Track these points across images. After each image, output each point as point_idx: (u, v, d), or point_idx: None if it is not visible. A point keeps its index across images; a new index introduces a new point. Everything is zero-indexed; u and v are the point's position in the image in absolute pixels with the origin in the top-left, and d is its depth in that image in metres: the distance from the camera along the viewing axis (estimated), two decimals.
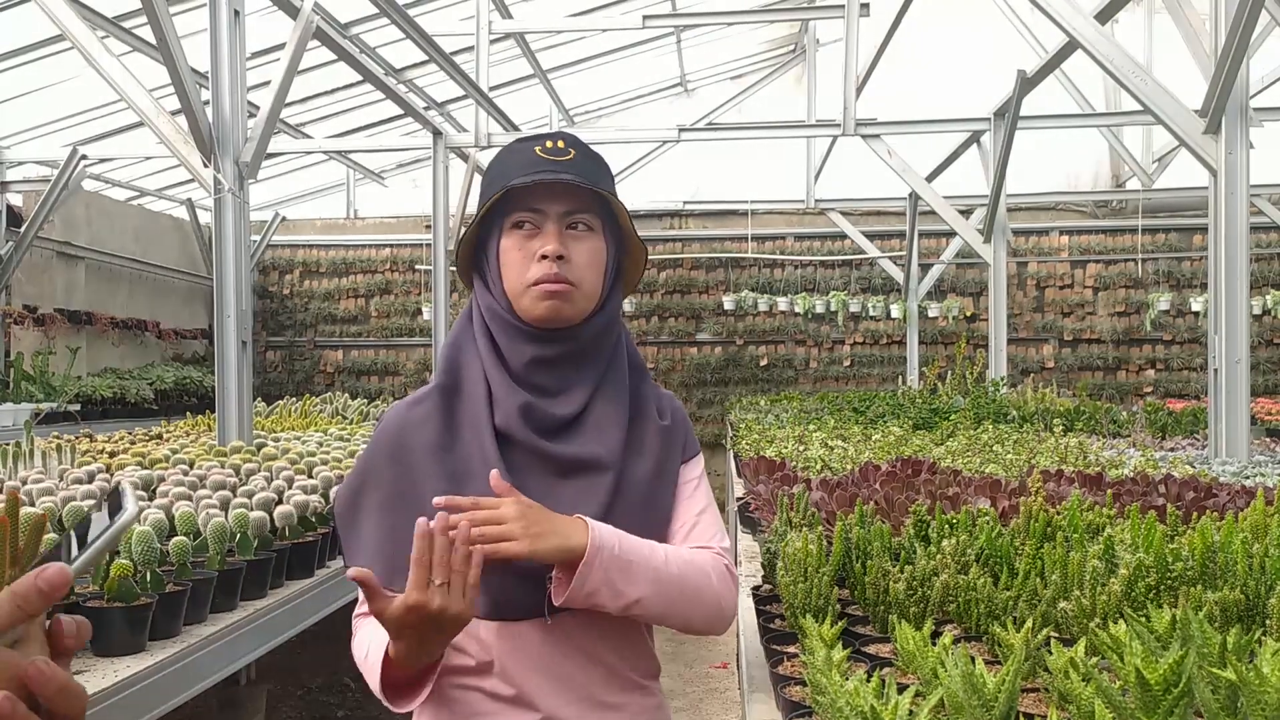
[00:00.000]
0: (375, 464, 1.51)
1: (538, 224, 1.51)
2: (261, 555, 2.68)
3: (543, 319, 1.49)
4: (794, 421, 5.45)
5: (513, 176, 1.51)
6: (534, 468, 1.48)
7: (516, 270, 1.50)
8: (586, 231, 1.53)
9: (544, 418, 1.49)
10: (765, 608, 1.94)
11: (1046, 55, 7.02)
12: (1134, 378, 11.81)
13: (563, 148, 1.54)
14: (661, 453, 1.56)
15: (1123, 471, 3.28)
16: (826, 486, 2.80)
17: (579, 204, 1.52)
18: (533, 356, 1.50)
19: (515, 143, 1.59)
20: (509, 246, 1.51)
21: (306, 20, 5.44)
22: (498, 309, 1.53)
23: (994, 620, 1.59)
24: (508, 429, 1.47)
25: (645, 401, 1.60)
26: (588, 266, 1.51)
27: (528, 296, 1.49)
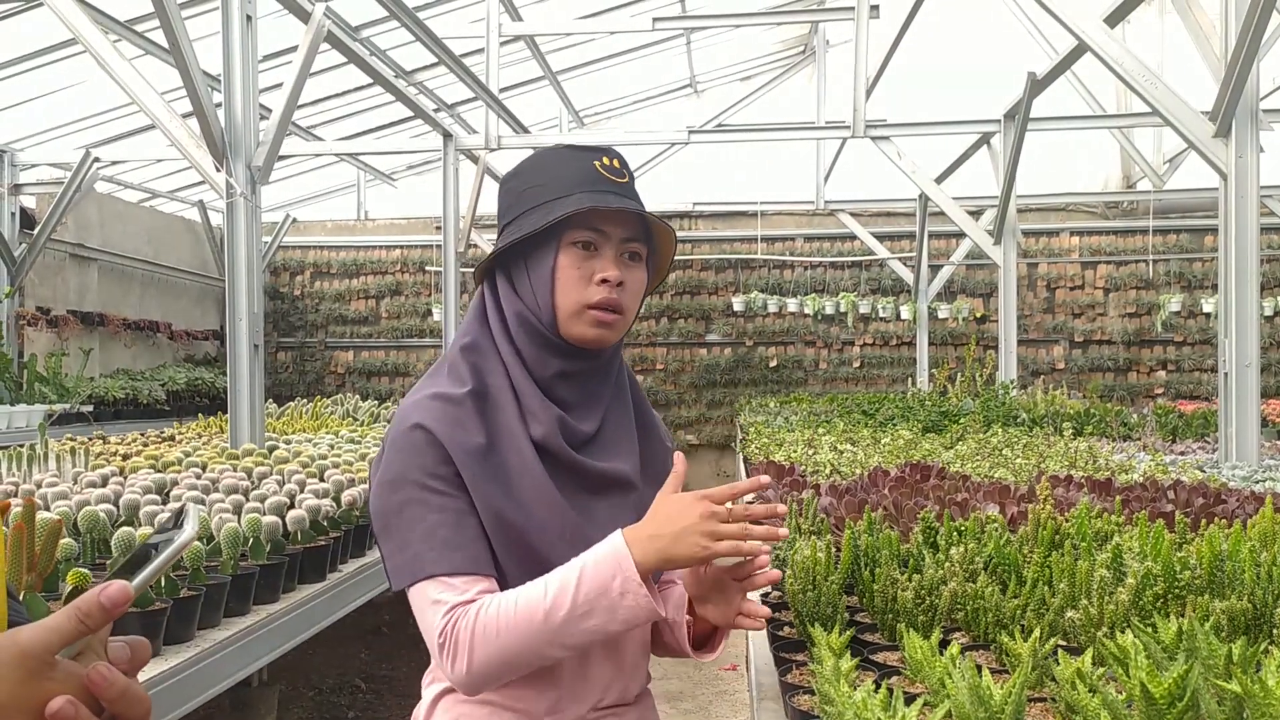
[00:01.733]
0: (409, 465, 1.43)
1: (598, 246, 1.48)
2: (274, 559, 2.70)
3: (589, 342, 1.48)
4: (803, 424, 5.45)
5: (576, 190, 1.47)
6: (570, 482, 1.47)
7: (573, 289, 1.47)
8: (637, 261, 1.52)
9: (574, 432, 1.48)
10: (774, 615, 1.95)
11: (1057, 57, 7.01)
12: (1145, 379, 11.78)
13: (619, 168, 1.52)
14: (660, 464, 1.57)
15: (1132, 476, 3.28)
16: (835, 492, 2.81)
17: (635, 232, 1.50)
18: (560, 370, 1.49)
19: (563, 150, 1.55)
20: (566, 264, 1.47)
21: (318, 25, 5.47)
22: (531, 318, 1.49)
23: (1002, 629, 1.60)
24: (545, 442, 1.45)
25: (648, 417, 1.61)
26: (634, 295, 1.50)
27: (583, 319, 1.47)
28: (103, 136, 9.52)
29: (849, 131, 8.08)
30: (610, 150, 1.54)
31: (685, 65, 11.86)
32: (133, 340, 10.68)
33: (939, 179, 9.51)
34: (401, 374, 12.99)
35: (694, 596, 1.45)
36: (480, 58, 9.04)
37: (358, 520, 3.26)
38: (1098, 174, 11.94)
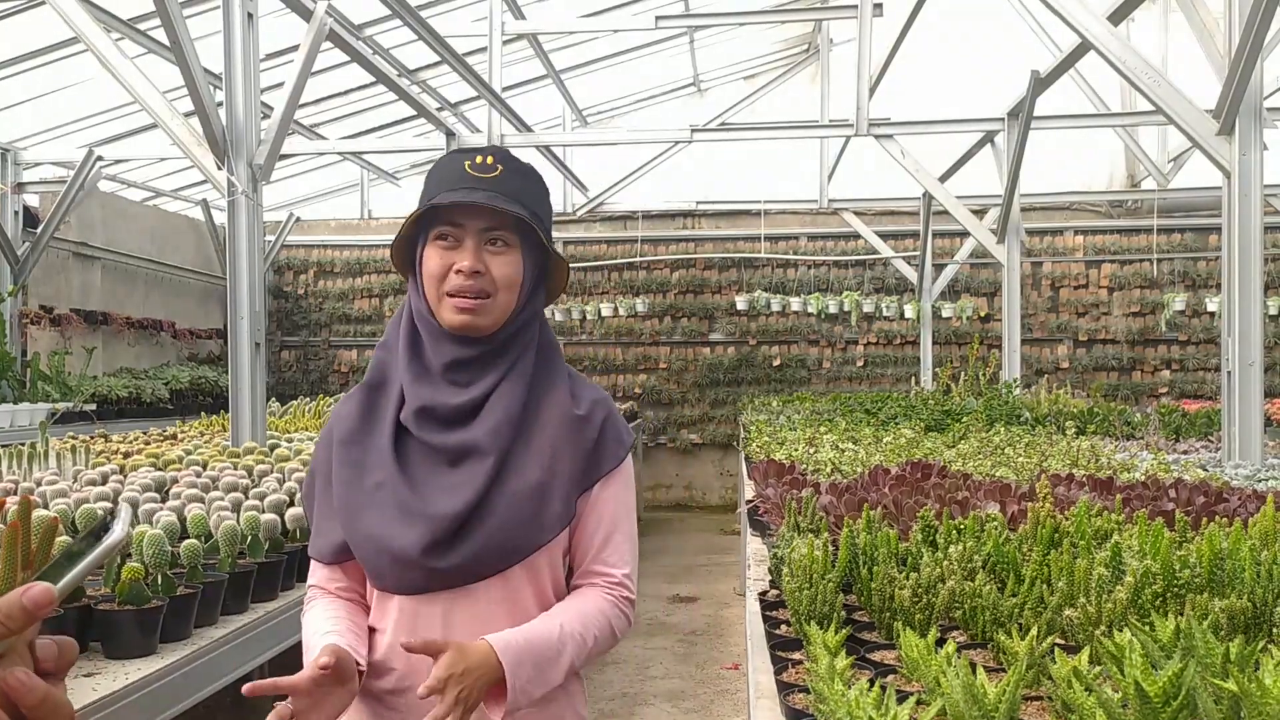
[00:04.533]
0: (317, 453, 1.72)
1: (458, 238, 1.63)
2: (272, 558, 2.69)
3: (457, 329, 1.62)
4: (805, 423, 5.44)
5: (441, 190, 1.64)
6: (426, 458, 1.61)
7: (436, 281, 1.62)
8: (504, 248, 1.65)
9: (442, 410, 1.62)
10: (772, 613, 1.94)
11: (1060, 55, 6.98)
12: (1149, 378, 11.75)
13: (490, 164, 1.66)
14: (563, 447, 1.63)
15: (1134, 475, 3.27)
16: (835, 490, 2.80)
17: (498, 221, 1.64)
18: (452, 358, 1.63)
19: (451, 154, 1.72)
20: (429, 256, 1.64)
21: (320, 23, 5.47)
22: (424, 312, 1.66)
23: (999, 628, 1.59)
24: (407, 423, 1.62)
25: (551, 389, 1.69)
26: (503, 280, 1.63)
27: (445, 307, 1.62)
28: (106, 135, 9.53)
29: (852, 130, 8.06)
30: (490, 149, 1.69)
31: (689, 64, 11.84)
32: (136, 339, 10.69)
33: (943, 177, 9.48)
34: None
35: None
36: (483, 56, 9.04)
37: None
38: (1102, 173, 11.90)
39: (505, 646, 1.49)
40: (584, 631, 1.57)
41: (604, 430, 1.67)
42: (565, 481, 1.61)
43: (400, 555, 1.54)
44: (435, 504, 1.55)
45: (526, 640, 1.52)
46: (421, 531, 1.53)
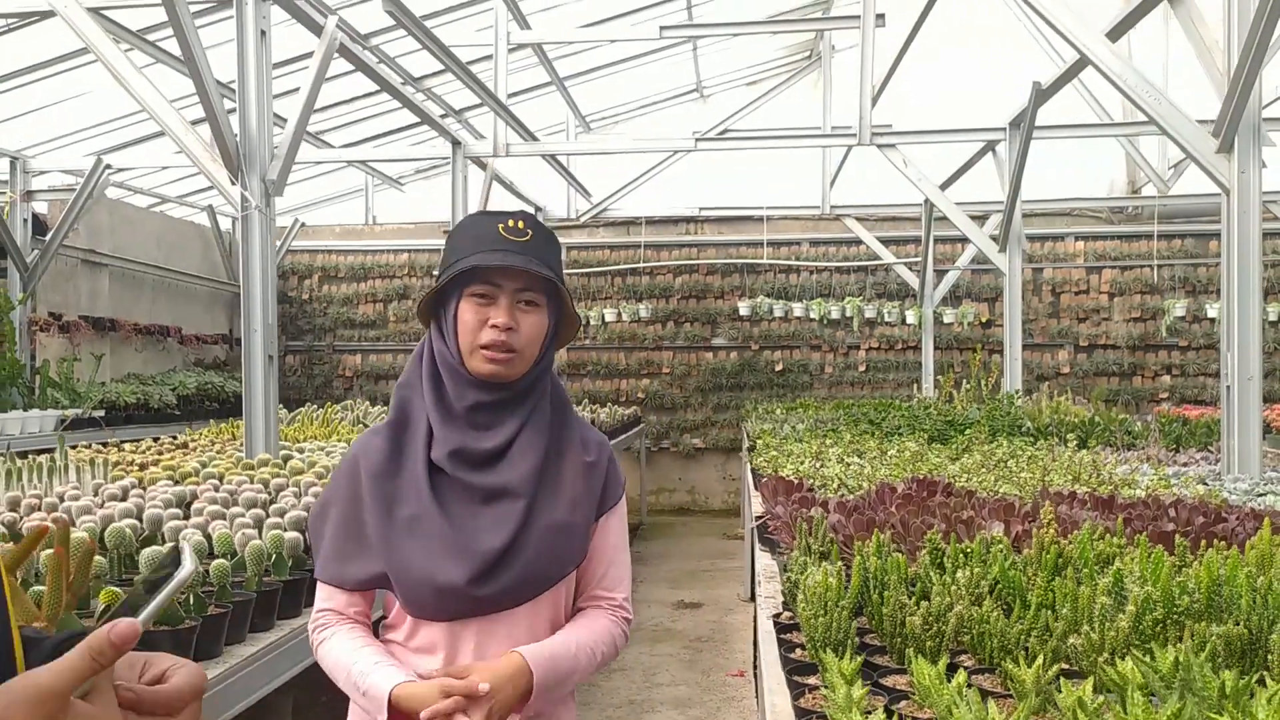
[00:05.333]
0: (338, 484, 1.83)
1: (493, 296, 1.78)
2: (296, 575, 2.76)
3: (486, 377, 1.78)
4: (810, 434, 5.51)
5: (476, 250, 1.77)
6: (460, 495, 1.75)
7: (469, 333, 1.78)
8: (533, 307, 1.81)
9: (473, 453, 1.77)
10: (786, 636, 2.01)
11: (1063, 64, 7.05)
12: (1150, 383, 11.82)
13: (522, 228, 1.81)
14: (580, 488, 1.82)
15: (1135, 492, 3.34)
16: (844, 509, 2.87)
17: (529, 283, 1.79)
18: (475, 401, 1.79)
19: (480, 216, 1.86)
20: (465, 310, 1.78)
21: (330, 38, 5.54)
22: (449, 359, 1.80)
23: (1006, 654, 1.66)
24: (441, 463, 1.76)
25: (568, 438, 1.87)
26: (530, 336, 1.80)
27: (477, 357, 1.77)
28: (113, 143, 9.60)
29: (855, 140, 8.13)
30: (521, 214, 1.85)
31: (692, 70, 11.91)
32: (143, 345, 10.76)
33: (944, 185, 9.55)
34: None
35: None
36: (488, 64, 9.11)
37: None
38: (1103, 179, 11.97)
39: (536, 659, 1.67)
40: (594, 648, 1.77)
41: (608, 473, 1.86)
42: (583, 520, 1.79)
43: (446, 586, 1.68)
44: (478, 540, 1.69)
45: (551, 654, 1.70)
46: (467, 565, 1.67)
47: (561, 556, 1.75)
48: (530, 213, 1.87)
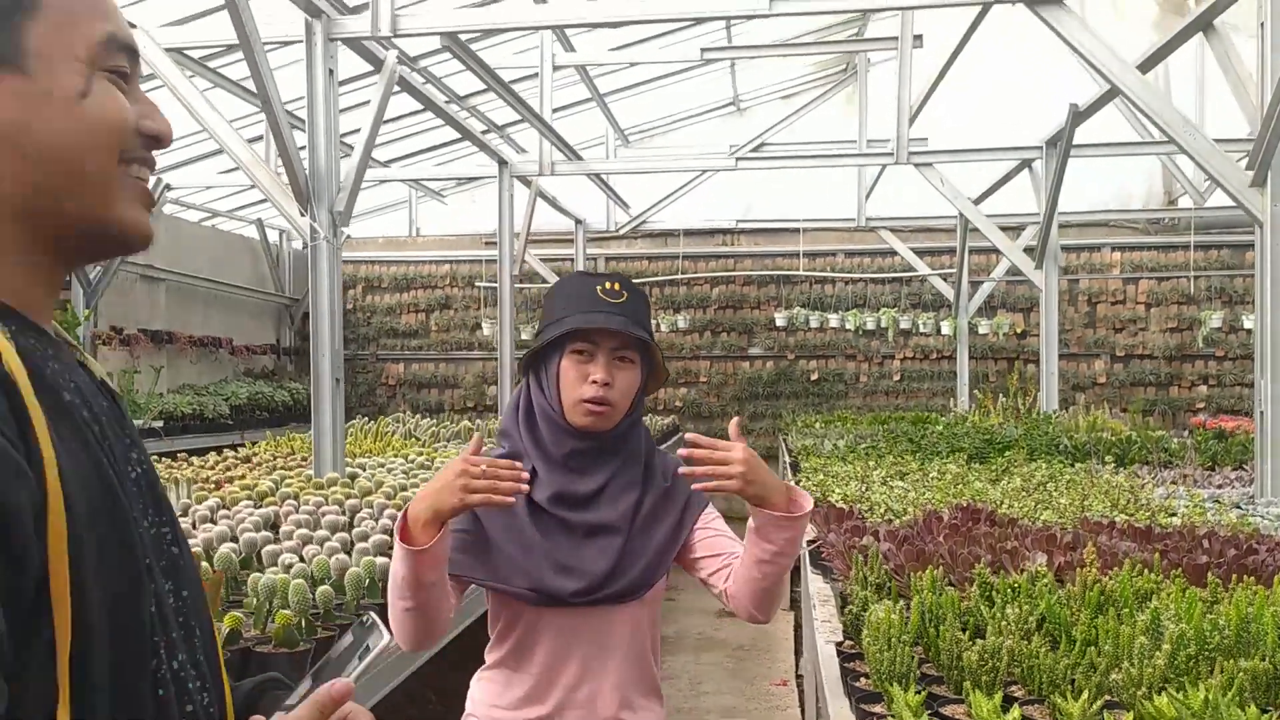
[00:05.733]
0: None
1: (592, 354, 1.98)
2: (384, 600, 2.99)
3: (584, 428, 1.98)
4: (851, 452, 5.69)
5: (576, 310, 1.98)
6: (562, 532, 1.97)
7: (571, 388, 1.97)
8: (627, 363, 2.01)
9: (573, 496, 1.99)
10: (849, 665, 2.21)
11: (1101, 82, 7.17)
12: (1187, 393, 11.88)
13: (618, 290, 2.01)
14: (663, 512, 2.06)
15: (1172, 520, 3.51)
16: (894, 538, 3.06)
17: (625, 341, 1.99)
18: (572, 449, 2.00)
19: (579, 278, 2.07)
20: (567, 367, 1.98)
21: (390, 72, 5.78)
22: (549, 411, 2.00)
23: (1054, 688, 1.85)
24: (543, 504, 1.98)
25: (654, 473, 2.09)
26: (624, 391, 2.00)
27: (577, 410, 1.97)
28: (167, 163, 9.94)
29: (892, 159, 8.30)
30: (615, 276, 2.05)
31: (729, 85, 12.11)
32: (197, 356, 11.11)
33: (980, 199, 9.69)
34: (451, 386, 13.34)
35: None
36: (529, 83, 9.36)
37: None
38: (1139, 190, 12.03)
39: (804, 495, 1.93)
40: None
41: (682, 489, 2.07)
42: (671, 539, 2.05)
43: (555, 594, 1.92)
44: (587, 564, 1.94)
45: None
46: (577, 581, 1.92)
47: (652, 571, 2.00)
48: (624, 276, 2.05)
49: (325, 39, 5.11)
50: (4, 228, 0.97)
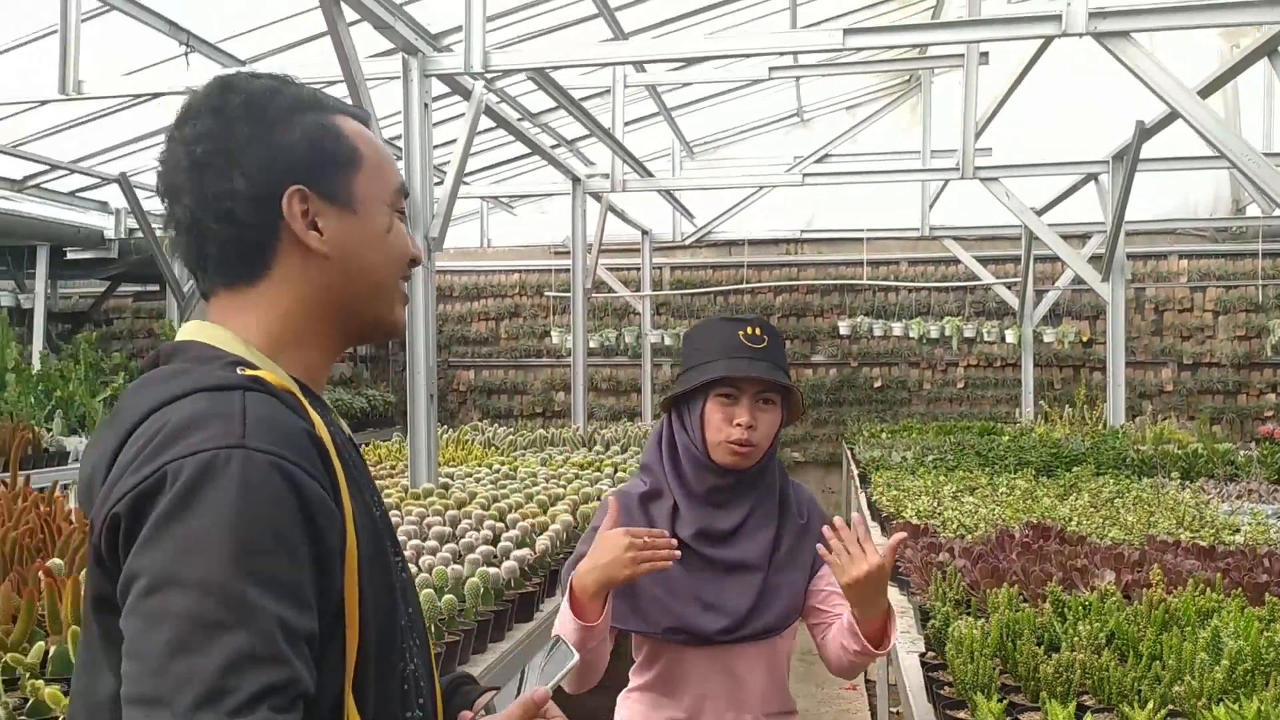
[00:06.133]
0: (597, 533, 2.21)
1: (736, 397, 2.15)
2: (500, 605, 3.29)
3: (730, 465, 2.16)
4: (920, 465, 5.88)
5: (721, 355, 2.14)
6: (704, 567, 2.15)
7: (716, 428, 2.15)
8: (769, 405, 2.19)
9: (714, 532, 2.16)
10: (932, 675, 2.44)
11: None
12: (1255, 401, 11.82)
13: (759, 335, 2.17)
14: (799, 551, 2.22)
15: (1235, 538, 3.67)
16: (969, 555, 3.28)
17: (768, 385, 2.17)
18: (714, 484, 2.18)
19: (721, 323, 2.23)
20: (711, 409, 2.15)
21: (478, 102, 6.11)
22: (692, 448, 2.17)
23: (1123, 699, 2.07)
24: (686, 539, 2.14)
25: (789, 506, 2.26)
26: (766, 431, 2.19)
27: (721, 449, 2.15)
28: None
29: (957, 173, 8.44)
30: (756, 321, 2.22)
31: (793, 97, 12.29)
32: None
33: (1044, 209, 9.77)
34: (520, 392, 13.68)
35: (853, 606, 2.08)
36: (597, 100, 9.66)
37: (549, 566, 3.84)
38: (1206, 197, 11.99)
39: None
40: None
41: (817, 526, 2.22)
42: (804, 575, 2.24)
43: (700, 633, 2.12)
44: (729, 603, 2.12)
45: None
46: (723, 619, 2.11)
47: (790, 610, 2.21)
48: (764, 320, 2.21)
49: (421, 75, 5.43)
50: (319, 324, 1.29)
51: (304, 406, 1.21)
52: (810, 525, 2.25)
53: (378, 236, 1.30)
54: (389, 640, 1.24)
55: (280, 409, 1.17)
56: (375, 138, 1.35)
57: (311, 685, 1.09)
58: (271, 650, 1.04)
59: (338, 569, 1.15)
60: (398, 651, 1.26)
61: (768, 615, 2.17)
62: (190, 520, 1.06)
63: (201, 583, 1.04)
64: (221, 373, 1.18)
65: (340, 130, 1.29)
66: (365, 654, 1.19)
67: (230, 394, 1.14)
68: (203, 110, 1.26)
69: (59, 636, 2.62)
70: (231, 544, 1.06)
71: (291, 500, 1.11)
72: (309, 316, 1.28)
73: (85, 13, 6.22)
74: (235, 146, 1.23)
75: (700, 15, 8.88)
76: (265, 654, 1.04)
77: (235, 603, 1.04)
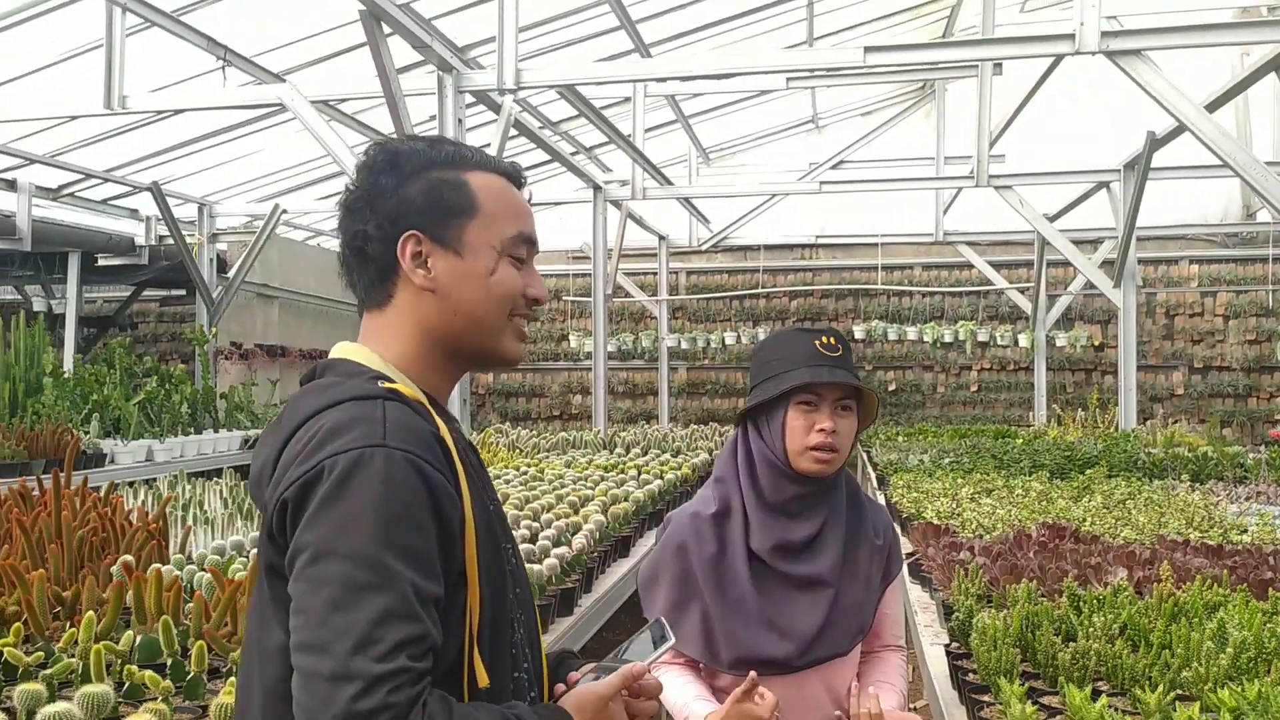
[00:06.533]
0: (666, 557, 2.25)
1: (817, 404, 2.17)
2: (543, 601, 3.48)
3: (812, 474, 2.17)
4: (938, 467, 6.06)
5: (799, 365, 2.16)
6: (777, 581, 2.15)
7: (799, 436, 2.15)
8: (848, 411, 2.20)
9: (789, 544, 2.15)
10: (958, 663, 2.62)
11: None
12: (1266, 404, 11.95)
13: (834, 344, 2.19)
14: (871, 571, 2.23)
15: (1243, 537, 3.84)
16: (988, 553, 3.46)
17: (847, 392, 2.19)
18: (794, 494, 2.18)
19: (796, 334, 2.24)
20: (793, 417, 2.16)
21: (508, 116, 6.31)
22: (769, 455, 2.17)
23: (1135, 683, 2.25)
24: (760, 553, 2.16)
25: (863, 522, 2.26)
26: (847, 437, 2.20)
27: (805, 457, 2.16)
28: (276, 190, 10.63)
29: (971, 181, 8.61)
30: (829, 331, 2.23)
31: (808, 104, 12.47)
32: (305, 368, 11.81)
33: (1057, 216, 9.94)
34: (537, 395, 13.89)
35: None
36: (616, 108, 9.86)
37: (585, 563, 4.03)
38: (1217, 204, 12.13)
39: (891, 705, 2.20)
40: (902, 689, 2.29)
41: (891, 551, 2.29)
42: (874, 596, 2.25)
43: (769, 660, 2.14)
44: (798, 623, 2.14)
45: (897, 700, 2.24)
46: (789, 645, 2.14)
47: (856, 631, 2.20)
48: (836, 329, 2.23)
49: (455, 91, 5.63)
50: (434, 348, 1.51)
51: (431, 414, 1.43)
52: (884, 549, 2.27)
53: (480, 277, 1.49)
54: (500, 610, 1.45)
55: (413, 415, 1.38)
56: (507, 192, 1.54)
57: (439, 640, 1.30)
58: (408, 609, 1.26)
59: (458, 545, 1.37)
60: (507, 621, 1.47)
61: (835, 636, 2.16)
62: (343, 504, 1.29)
63: (353, 554, 1.26)
64: (366, 385, 1.40)
65: (465, 184, 1.50)
66: (482, 617, 1.40)
67: (373, 403, 1.36)
68: (362, 166, 1.52)
69: (144, 626, 2.81)
70: (376, 523, 1.28)
71: (422, 489, 1.32)
72: (424, 341, 1.50)
73: (128, 28, 6.43)
74: (375, 196, 1.48)
75: (718, 27, 9.08)
76: (404, 612, 1.25)
77: (380, 570, 1.26)
